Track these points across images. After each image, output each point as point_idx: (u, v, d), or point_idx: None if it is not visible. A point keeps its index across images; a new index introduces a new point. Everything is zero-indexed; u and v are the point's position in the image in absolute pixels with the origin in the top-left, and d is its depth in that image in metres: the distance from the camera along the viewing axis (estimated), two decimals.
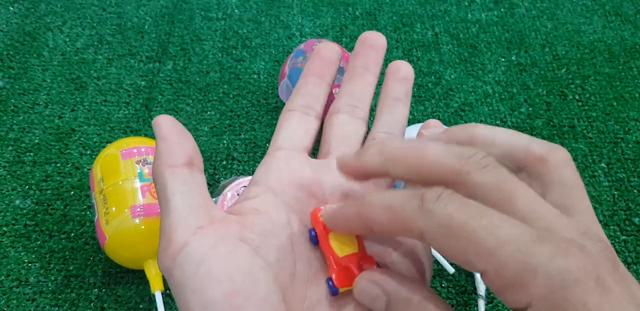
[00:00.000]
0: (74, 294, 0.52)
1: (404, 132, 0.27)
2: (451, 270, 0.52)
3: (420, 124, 0.59)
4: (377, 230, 0.19)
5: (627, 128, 0.67)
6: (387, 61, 0.73)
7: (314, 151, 0.48)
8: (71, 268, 0.53)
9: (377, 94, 0.28)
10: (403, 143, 0.20)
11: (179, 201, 0.21)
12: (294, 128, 0.25)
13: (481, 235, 0.16)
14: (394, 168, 0.20)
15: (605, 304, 0.15)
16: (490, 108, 0.68)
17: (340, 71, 0.59)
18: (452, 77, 0.72)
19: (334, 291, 0.21)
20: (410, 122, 0.66)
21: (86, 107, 0.66)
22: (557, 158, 0.21)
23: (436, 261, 0.54)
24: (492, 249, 0.16)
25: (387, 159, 0.20)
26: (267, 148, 0.63)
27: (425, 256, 0.23)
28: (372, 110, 0.30)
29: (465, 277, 0.55)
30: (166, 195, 0.21)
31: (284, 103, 0.67)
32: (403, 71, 0.28)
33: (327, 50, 0.27)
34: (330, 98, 0.26)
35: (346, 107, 0.27)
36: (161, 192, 0.21)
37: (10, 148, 0.62)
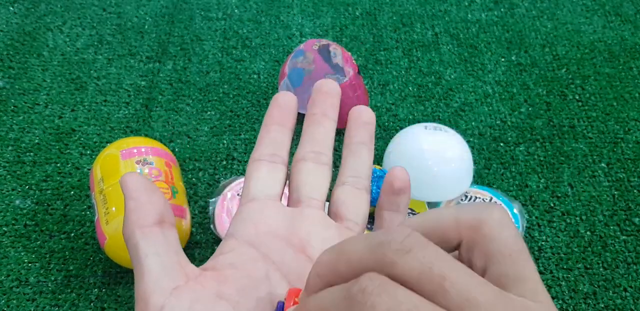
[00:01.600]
0: (74, 294, 0.52)
1: (370, 175, 0.28)
2: None
3: (421, 124, 0.59)
4: None
5: (627, 128, 0.67)
6: (389, 62, 0.73)
7: None
8: (71, 268, 0.53)
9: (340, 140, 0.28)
10: (329, 255, 0.18)
11: (152, 262, 0.20)
12: (263, 178, 0.25)
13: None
14: (334, 281, 0.18)
15: None
16: (490, 108, 0.68)
17: (339, 71, 0.59)
18: (452, 77, 0.72)
19: None
20: (411, 122, 0.66)
21: (86, 107, 0.66)
22: (491, 222, 0.19)
23: None
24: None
25: (324, 277, 0.19)
26: None
27: None
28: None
29: None
30: (139, 257, 0.21)
31: None
32: (364, 116, 0.28)
33: (284, 99, 0.28)
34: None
35: (311, 154, 0.27)
36: (133, 254, 0.21)
37: (10, 148, 0.62)
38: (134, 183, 0.22)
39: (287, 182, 0.27)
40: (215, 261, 0.22)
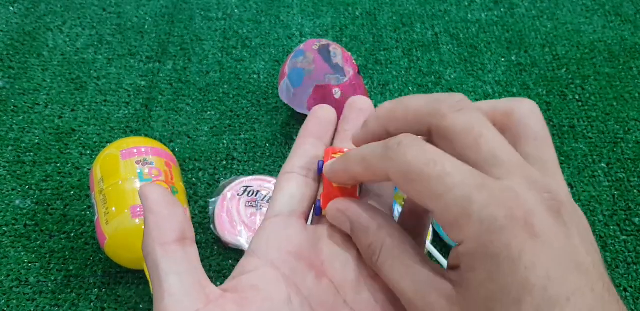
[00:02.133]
0: (74, 294, 0.52)
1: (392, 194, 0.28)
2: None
3: None
4: (359, 179, 0.22)
5: (627, 128, 0.67)
6: (389, 62, 0.73)
7: None
8: (71, 268, 0.53)
9: None
10: (391, 102, 0.22)
11: (173, 282, 0.20)
12: (292, 192, 0.25)
13: (433, 181, 0.18)
14: (389, 124, 0.22)
15: (528, 246, 0.17)
16: None
17: (339, 71, 0.59)
18: (452, 77, 0.71)
19: (317, 212, 0.24)
20: None
21: (86, 107, 0.66)
22: (522, 110, 0.22)
23: (434, 258, 0.54)
24: (440, 194, 0.18)
25: (382, 118, 0.22)
26: (267, 148, 0.63)
27: (390, 197, 0.25)
28: None
29: None
30: (159, 276, 0.20)
31: (284, 103, 0.67)
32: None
33: (323, 112, 0.28)
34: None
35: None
36: (154, 272, 0.20)
37: (10, 148, 0.62)
38: (154, 196, 0.22)
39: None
40: (237, 282, 0.22)
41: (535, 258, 0.17)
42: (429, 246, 0.57)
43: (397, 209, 0.56)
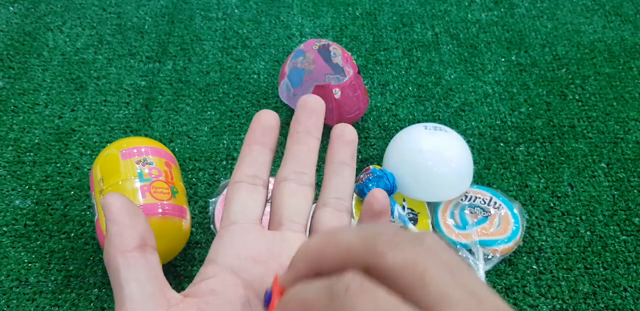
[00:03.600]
0: (74, 294, 0.52)
1: (352, 195, 0.28)
2: None
3: (421, 124, 0.59)
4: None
5: (627, 128, 0.67)
6: (389, 62, 0.73)
7: None
8: (71, 268, 0.53)
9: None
10: (319, 239, 0.20)
11: (134, 288, 0.20)
12: (244, 201, 0.25)
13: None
14: (320, 265, 0.19)
15: None
16: (490, 108, 0.68)
17: (339, 71, 0.59)
18: (452, 77, 0.71)
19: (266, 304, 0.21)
20: (411, 122, 0.66)
21: (86, 107, 0.66)
22: (381, 256, 0.19)
23: None
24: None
25: (310, 260, 0.20)
26: None
27: None
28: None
29: None
30: (120, 283, 0.20)
31: (284, 103, 0.67)
32: (347, 135, 0.28)
33: (266, 117, 0.28)
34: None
35: (293, 175, 0.27)
36: (115, 279, 0.21)
37: (10, 148, 0.62)
38: (116, 206, 0.22)
39: (268, 203, 0.27)
40: (197, 288, 0.22)
41: None
42: None
43: (397, 209, 0.56)
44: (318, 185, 0.27)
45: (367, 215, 0.26)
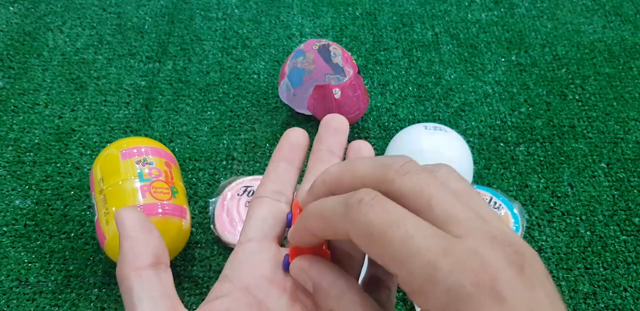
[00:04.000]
0: (74, 294, 0.52)
1: None
2: None
3: (421, 124, 0.59)
4: (321, 237, 0.21)
5: (627, 128, 0.67)
6: (389, 62, 0.73)
7: None
8: (71, 268, 0.53)
9: None
10: (337, 167, 0.21)
11: (147, 307, 0.20)
12: (264, 217, 0.25)
13: (396, 245, 0.17)
14: (336, 190, 0.21)
15: None
16: (490, 108, 0.68)
17: (339, 71, 0.59)
18: (452, 77, 0.72)
19: (285, 267, 0.23)
20: (411, 122, 0.66)
21: (86, 107, 0.66)
22: (394, 179, 0.20)
23: None
24: (404, 259, 0.17)
25: (328, 184, 0.21)
26: (267, 148, 0.63)
27: (359, 253, 0.24)
28: None
29: None
30: (132, 301, 0.20)
31: (284, 103, 0.67)
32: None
33: (295, 135, 0.27)
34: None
35: None
36: (127, 297, 0.20)
37: (10, 148, 0.62)
38: (130, 221, 0.22)
39: None
40: (211, 306, 0.22)
41: None
42: None
43: None
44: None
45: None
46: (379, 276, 0.24)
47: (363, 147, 0.28)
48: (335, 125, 0.28)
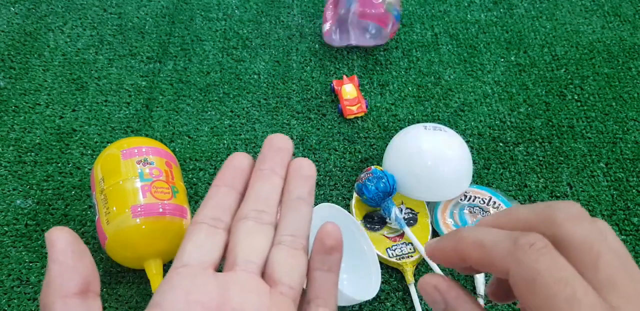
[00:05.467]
0: None
1: (309, 231, 0.27)
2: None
3: (421, 124, 0.59)
4: (469, 263, 0.21)
5: (625, 128, 0.67)
6: (388, 62, 0.73)
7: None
8: None
9: None
10: (492, 215, 0.22)
11: None
12: (201, 243, 0.24)
13: (559, 302, 0.17)
14: (499, 225, 0.21)
15: None
16: (490, 108, 0.69)
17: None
18: (452, 77, 0.72)
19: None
20: (410, 122, 0.67)
21: (87, 107, 0.66)
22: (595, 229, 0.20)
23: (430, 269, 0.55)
24: None
25: (457, 242, 0.21)
26: None
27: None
28: None
29: (464, 277, 0.55)
30: None
31: (283, 104, 0.67)
32: (306, 169, 0.27)
33: (239, 160, 0.27)
34: None
35: (253, 213, 0.26)
36: None
37: (11, 148, 0.62)
38: (61, 243, 0.21)
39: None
40: None
41: None
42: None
43: (395, 211, 0.56)
44: None
45: (319, 251, 0.26)
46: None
47: (304, 166, 0.27)
48: (278, 145, 0.27)
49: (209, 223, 0.25)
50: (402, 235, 0.56)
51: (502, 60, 0.74)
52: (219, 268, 0.24)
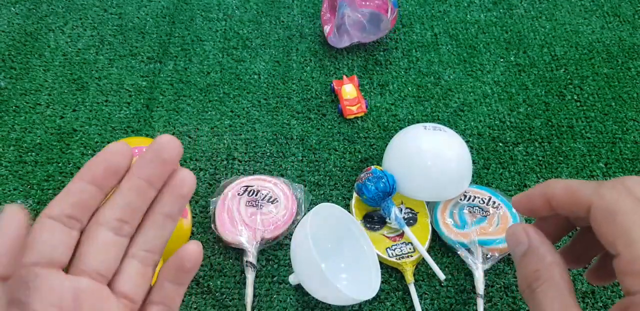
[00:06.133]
0: None
1: (164, 248, 0.26)
2: (442, 276, 0.53)
3: (420, 124, 0.59)
4: (554, 205, 0.24)
5: (625, 128, 0.68)
6: (388, 62, 0.73)
7: None
8: None
9: None
10: (558, 180, 0.25)
11: None
12: (54, 243, 0.23)
13: (634, 229, 0.19)
14: (554, 191, 0.24)
15: None
16: (489, 108, 0.69)
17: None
18: (452, 77, 0.72)
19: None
20: (410, 122, 0.67)
21: (87, 107, 0.66)
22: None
23: (430, 269, 0.55)
24: (633, 241, 0.19)
25: (546, 186, 0.25)
26: (267, 148, 0.63)
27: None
28: None
29: (464, 276, 0.55)
30: None
31: (284, 103, 0.67)
32: (185, 188, 0.25)
33: (117, 157, 0.24)
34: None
35: (115, 222, 0.24)
36: None
37: (12, 148, 0.62)
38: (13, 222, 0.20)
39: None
40: None
41: None
42: (424, 254, 0.57)
43: (395, 211, 0.56)
44: None
45: (176, 268, 0.25)
46: (587, 248, 0.27)
47: (186, 183, 0.26)
48: (166, 156, 0.25)
49: (65, 223, 0.23)
50: (401, 234, 0.56)
51: (501, 60, 0.74)
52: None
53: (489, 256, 0.54)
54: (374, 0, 0.68)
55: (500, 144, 0.65)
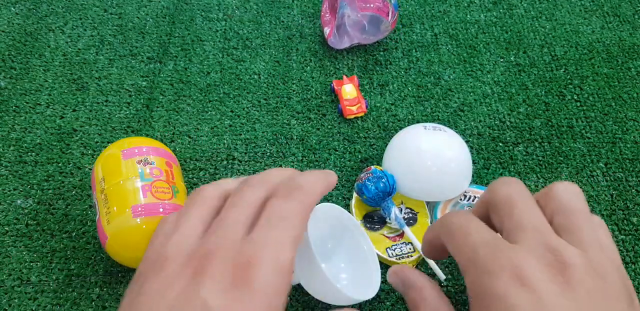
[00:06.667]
0: (75, 293, 0.52)
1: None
2: (442, 276, 0.53)
3: (420, 124, 0.59)
4: (440, 241, 0.27)
5: (625, 128, 0.67)
6: (388, 62, 0.73)
7: None
8: (72, 267, 0.53)
9: None
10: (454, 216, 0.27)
11: None
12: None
13: (461, 239, 0.24)
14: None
15: (514, 290, 0.20)
16: (489, 108, 0.69)
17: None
18: (451, 77, 0.72)
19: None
20: (410, 122, 0.67)
21: (87, 107, 0.66)
22: (559, 187, 0.27)
23: (430, 268, 0.55)
24: (462, 247, 0.24)
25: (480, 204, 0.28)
26: (267, 148, 0.63)
27: None
28: None
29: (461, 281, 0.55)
30: None
31: (283, 104, 0.68)
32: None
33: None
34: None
35: None
36: None
37: (12, 148, 0.62)
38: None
39: None
40: None
41: (520, 301, 0.19)
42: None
43: (395, 211, 0.56)
44: None
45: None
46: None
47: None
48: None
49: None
50: (401, 234, 0.56)
51: (501, 60, 0.74)
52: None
53: None
54: (374, 3, 0.68)
55: (500, 144, 0.65)
